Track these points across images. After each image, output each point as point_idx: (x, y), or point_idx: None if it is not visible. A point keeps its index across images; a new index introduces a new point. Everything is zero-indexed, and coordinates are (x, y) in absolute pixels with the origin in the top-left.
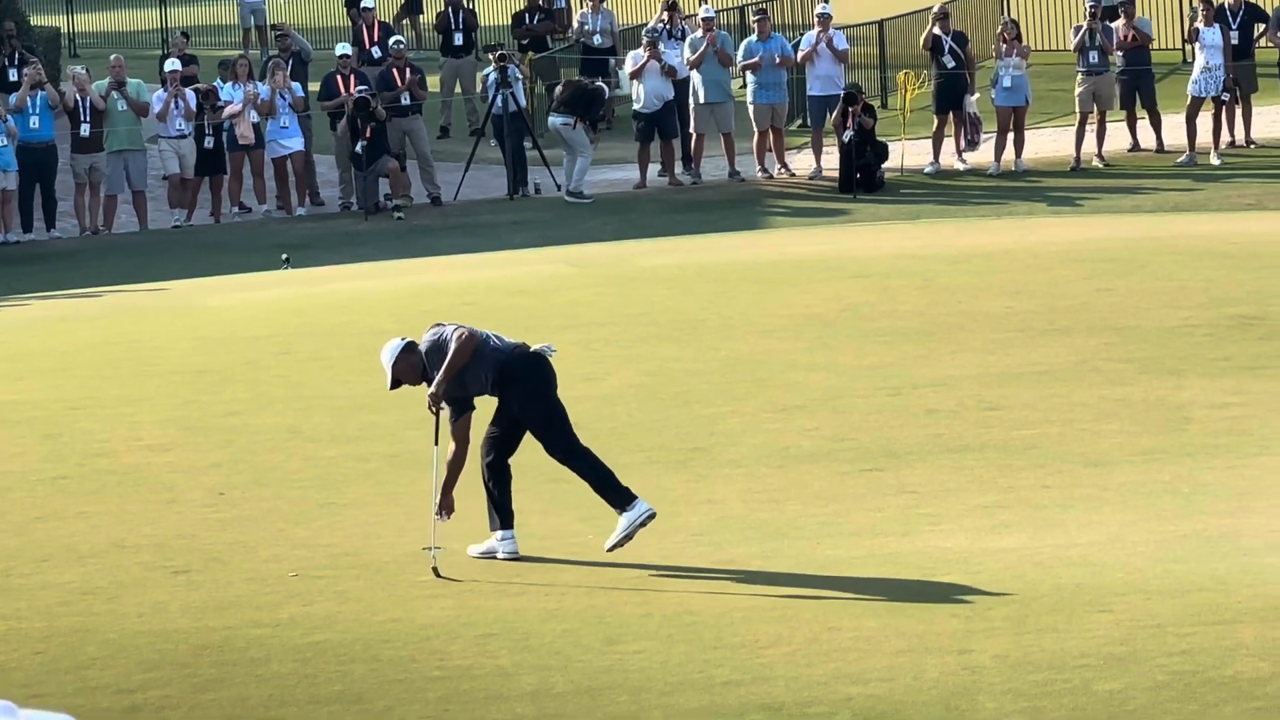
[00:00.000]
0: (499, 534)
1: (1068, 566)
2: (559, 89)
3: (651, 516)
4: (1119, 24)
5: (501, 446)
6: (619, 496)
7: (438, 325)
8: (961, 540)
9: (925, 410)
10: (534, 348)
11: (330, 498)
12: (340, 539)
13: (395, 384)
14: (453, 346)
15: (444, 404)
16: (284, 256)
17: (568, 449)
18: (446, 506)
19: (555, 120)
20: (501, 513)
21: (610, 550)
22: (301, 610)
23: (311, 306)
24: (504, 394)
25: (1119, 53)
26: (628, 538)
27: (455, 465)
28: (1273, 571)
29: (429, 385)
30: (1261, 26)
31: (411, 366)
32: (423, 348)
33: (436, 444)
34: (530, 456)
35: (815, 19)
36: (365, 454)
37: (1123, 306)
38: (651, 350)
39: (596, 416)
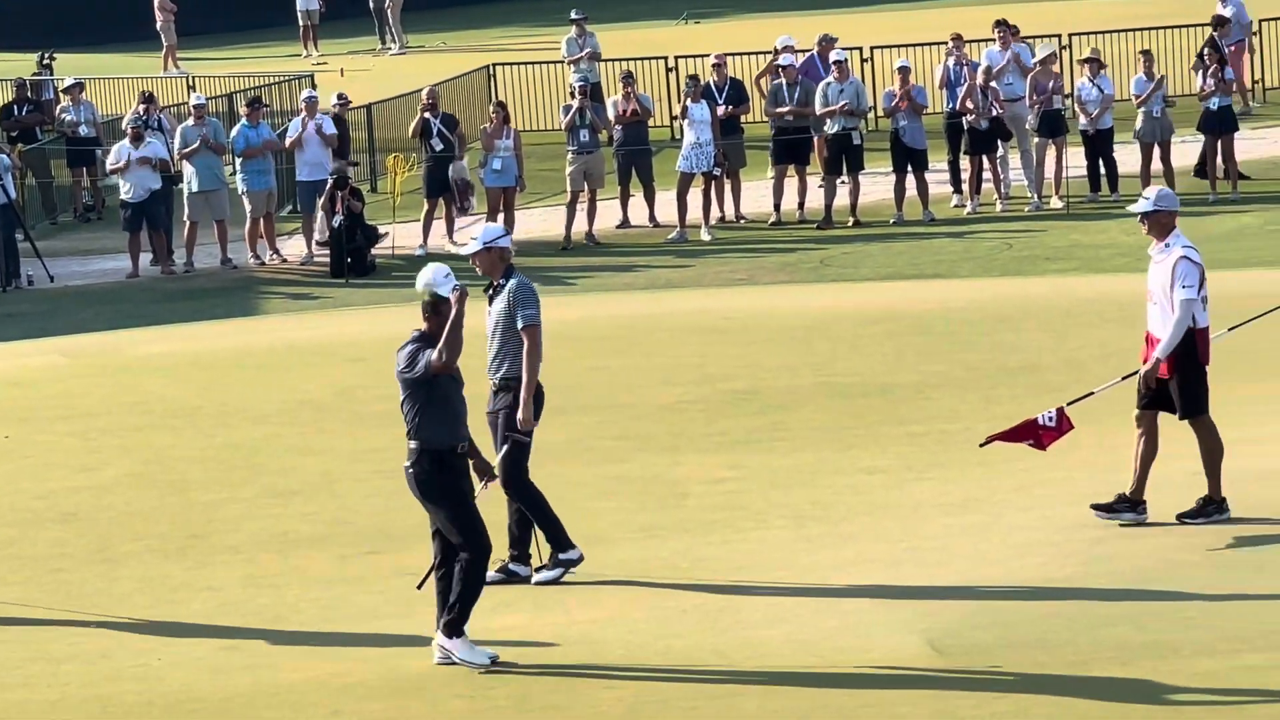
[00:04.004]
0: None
1: (569, 644)
2: None
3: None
4: (618, 97)
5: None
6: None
7: None
8: None
9: None
10: None
11: None
12: None
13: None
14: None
15: None
16: None
17: None
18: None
19: None
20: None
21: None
22: None
23: None
24: None
25: (618, 127)
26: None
27: None
28: (772, 644)
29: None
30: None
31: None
32: None
33: None
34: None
35: (302, 105)
36: None
37: (616, 384)
38: (148, 439)
39: (95, 506)
